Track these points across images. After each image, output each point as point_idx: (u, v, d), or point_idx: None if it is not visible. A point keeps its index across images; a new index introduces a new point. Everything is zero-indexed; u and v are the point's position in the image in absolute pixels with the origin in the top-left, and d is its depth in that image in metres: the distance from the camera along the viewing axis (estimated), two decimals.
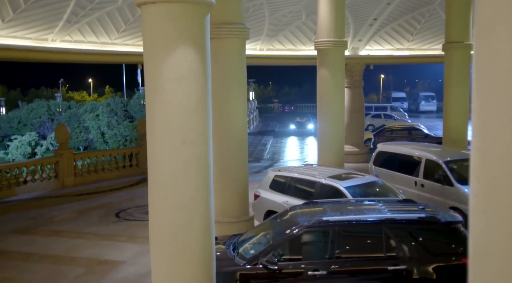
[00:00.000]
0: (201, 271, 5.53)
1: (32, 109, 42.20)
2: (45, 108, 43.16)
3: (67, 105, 44.03)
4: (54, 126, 39.16)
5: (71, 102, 46.50)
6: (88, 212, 14.15)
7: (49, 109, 43.35)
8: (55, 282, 9.10)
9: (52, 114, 42.75)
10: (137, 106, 39.21)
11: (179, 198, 5.40)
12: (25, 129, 36.84)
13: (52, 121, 41.49)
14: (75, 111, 41.34)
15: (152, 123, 5.41)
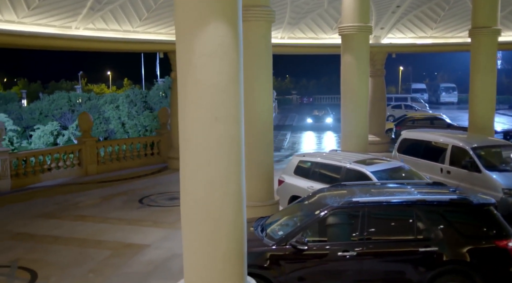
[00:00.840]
0: (233, 249, 5.51)
1: (53, 100, 42.71)
2: (66, 100, 43.64)
3: (87, 97, 44.45)
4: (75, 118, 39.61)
5: (91, 94, 46.96)
6: (111, 198, 14.27)
7: (69, 101, 43.83)
8: (82, 263, 9.19)
9: (73, 106, 43.22)
10: (156, 98, 39.40)
11: (211, 176, 5.38)
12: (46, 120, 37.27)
13: (72, 112, 41.94)
14: (95, 102, 41.73)
15: (184, 100, 5.39)
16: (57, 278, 8.54)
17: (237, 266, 5.58)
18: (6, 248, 10.08)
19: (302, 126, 36.07)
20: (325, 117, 36.08)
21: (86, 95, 45.21)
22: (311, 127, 35.25)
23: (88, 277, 8.60)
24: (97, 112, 37.48)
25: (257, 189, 9.89)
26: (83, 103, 43.14)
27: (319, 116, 36.52)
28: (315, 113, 37.31)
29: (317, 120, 35.98)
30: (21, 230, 11.32)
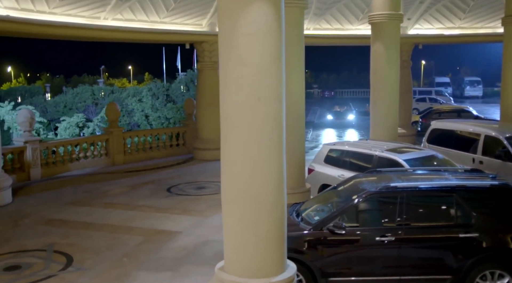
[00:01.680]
0: (274, 231, 5.52)
1: (77, 94, 43.28)
2: (89, 93, 44.18)
3: (110, 90, 44.94)
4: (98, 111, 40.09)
5: (114, 87, 47.42)
6: (139, 187, 14.41)
7: (93, 94, 44.38)
8: (116, 248, 9.30)
9: (96, 99, 43.74)
10: (178, 91, 39.64)
11: (254, 156, 5.38)
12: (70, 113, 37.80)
13: (96, 105, 42.44)
14: (118, 95, 42.16)
15: (227, 80, 5.39)
16: (92, 262, 8.66)
17: (278, 248, 5.58)
18: (41, 233, 10.26)
19: (322, 124, 32.82)
20: (347, 114, 32.71)
21: (109, 88, 45.71)
22: (331, 124, 32.03)
23: (122, 262, 8.70)
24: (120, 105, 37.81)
25: (289, 176, 9.76)
26: (106, 96, 43.63)
27: (341, 113, 33.13)
28: (336, 109, 33.85)
29: (338, 117, 32.53)
30: (54, 216, 11.50)
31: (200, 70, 18.50)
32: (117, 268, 8.41)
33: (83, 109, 40.76)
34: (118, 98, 39.97)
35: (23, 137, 15.16)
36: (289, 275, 5.60)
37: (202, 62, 18.22)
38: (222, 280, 5.57)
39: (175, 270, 8.28)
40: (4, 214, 11.80)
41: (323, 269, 6.65)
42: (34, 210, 12.03)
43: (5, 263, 8.68)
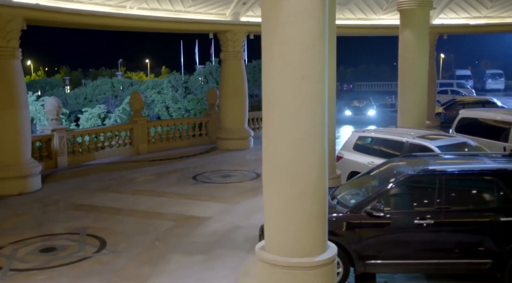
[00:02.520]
0: (315, 211, 5.50)
1: (97, 86, 43.65)
2: (109, 85, 44.52)
3: (130, 82, 45.23)
4: (118, 103, 40.36)
5: (133, 80, 47.71)
6: (165, 175, 14.49)
7: (112, 86, 44.71)
8: (148, 233, 9.37)
9: (115, 91, 44.07)
10: (196, 83, 39.74)
11: (297, 135, 5.36)
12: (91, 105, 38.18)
13: (115, 97, 42.76)
14: (137, 88, 42.40)
15: (270, 59, 5.37)
16: (125, 245, 8.74)
17: (320, 228, 5.57)
18: (72, 218, 10.39)
19: (340, 120, 28.62)
20: (366, 109, 30.25)
21: (129, 81, 46.02)
22: (350, 121, 29.05)
23: (155, 245, 8.77)
24: None
25: None
26: (126, 89, 43.92)
27: (360, 108, 30.75)
28: (355, 104, 31.40)
29: (357, 113, 30.14)
30: (83, 202, 11.63)
31: (223, 60, 18.49)
32: (151, 251, 8.48)
33: (102, 102, 41.09)
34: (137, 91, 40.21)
35: (50, 126, 15.34)
36: (330, 255, 5.58)
37: (226, 51, 18.20)
38: (264, 259, 5.57)
39: (208, 253, 8.32)
40: (35, 199, 11.98)
41: (360, 252, 6.62)
42: (63, 196, 12.18)
43: (40, 245, 8.81)
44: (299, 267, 5.41)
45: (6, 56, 12.18)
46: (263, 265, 5.62)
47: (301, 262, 5.41)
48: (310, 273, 5.43)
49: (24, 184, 12.41)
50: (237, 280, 7.26)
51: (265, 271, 5.60)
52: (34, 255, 8.39)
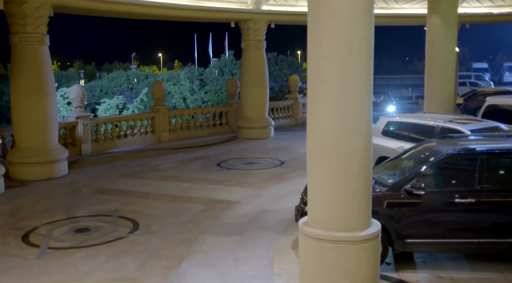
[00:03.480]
0: (360, 187, 5.47)
1: (113, 78, 43.85)
2: (124, 78, 44.68)
3: (145, 75, 45.39)
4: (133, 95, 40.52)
5: (149, 72, 47.85)
6: (189, 162, 14.55)
7: (127, 79, 44.88)
8: (178, 215, 9.41)
9: (131, 84, 44.23)
10: (212, 75, 39.79)
11: (343, 110, 5.34)
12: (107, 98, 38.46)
13: (131, 90, 42.93)
14: (152, 80, 42.53)
15: (318, 33, 5.35)
16: (158, 227, 8.79)
17: (365, 203, 5.55)
18: (102, 201, 10.47)
19: None
20: (385, 105, 26.40)
21: (144, 73, 46.18)
22: None
23: (187, 227, 8.81)
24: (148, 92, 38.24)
25: None
26: (141, 81, 44.08)
27: (377, 103, 26.54)
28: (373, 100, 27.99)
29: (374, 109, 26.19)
30: (111, 186, 11.71)
31: (244, 49, 18.47)
32: (183, 232, 8.52)
33: (118, 94, 41.30)
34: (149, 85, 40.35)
35: (74, 113, 15.45)
36: (375, 230, 5.57)
37: (247, 40, 18.18)
38: (308, 233, 5.57)
39: (240, 235, 8.34)
40: (62, 184, 12.09)
41: (399, 231, 6.59)
42: (90, 181, 12.28)
43: (74, 226, 8.91)
44: (345, 241, 5.41)
45: (34, 43, 12.27)
46: (307, 240, 5.62)
47: (347, 237, 5.41)
48: (355, 247, 5.42)
49: (52, 169, 12.53)
50: (273, 259, 7.27)
51: (309, 246, 5.60)
52: (69, 234, 8.48)
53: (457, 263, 6.95)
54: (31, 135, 12.37)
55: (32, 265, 7.22)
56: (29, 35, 12.18)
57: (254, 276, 6.72)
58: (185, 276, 6.77)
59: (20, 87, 12.31)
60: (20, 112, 12.39)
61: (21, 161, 12.30)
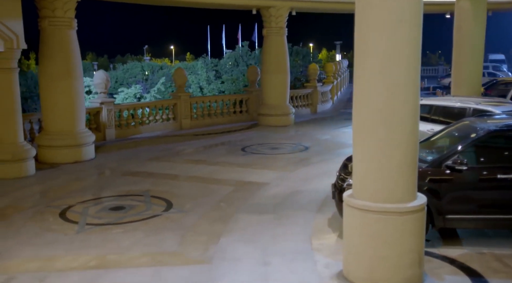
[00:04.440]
0: (407, 160, 5.46)
1: (127, 69, 44.03)
2: (139, 69, 44.83)
3: (159, 66, 45.52)
4: (148, 86, 40.68)
5: (163, 63, 47.99)
6: (213, 147, 14.63)
7: (142, 70, 45.02)
8: (210, 196, 9.47)
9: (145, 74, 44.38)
10: (226, 66, 39.81)
11: (392, 80, 5.33)
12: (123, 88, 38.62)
13: (146, 81, 43.08)
14: (167, 71, 42.66)
15: (368, 2, 5.33)
16: (191, 206, 8.86)
17: (412, 174, 5.55)
18: (132, 183, 10.56)
19: None
20: None
21: (158, 64, 46.32)
22: None
23: (220, 206, 8.87)
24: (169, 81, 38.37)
25: None
26: (156, 72, 44.22)
27: None
28: None
29: None
30: (139, 169, 11.81)
31: (265, 36, 18.46)
32: (217, 211, 8.58)
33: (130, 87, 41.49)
34: (168, 74, 40.50)
35: (99, 99, 15.57)
36: (421, 202, 5.57)
37: (269, 27, 18.16)
38: (355, 205, 5.59)
39: (275, 213, 8.39)
40: (91, 167, 12.23)
41: (440, 207, 6.59)
42: (118, 164, 12.39)
43: (108, 205, 9.01)
44: (392, 212, 5.42)
45: (63, 27, 12.37)
46: (352, 211, 5.64)
47: (394, 208, 5.42)
48: (402, 218, 5.43)
49: (79, 153, 12.66)
50: (311, 236, 7.30)
51: (355, 217, 5.62)
52: (105, 212, 8.59)
53: (498, 239, 6.94)
54: (59, 119, 12.49)
55: (73, 239, 7.33)
56: (58, 19, 12.28)
57: (294, 251, 6.76)
58: (225, 250, 6.83)
59: (49, 71, 12.43)
60: (49, 96, 12.51)
61: (50, 144, 12.44)
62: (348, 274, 5.80)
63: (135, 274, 6.15)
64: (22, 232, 7.63)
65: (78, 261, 6.53)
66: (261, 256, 6.62)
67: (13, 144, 11.04)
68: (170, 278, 6.00)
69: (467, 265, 6.19)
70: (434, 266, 6.14)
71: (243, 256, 6.63)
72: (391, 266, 5.49)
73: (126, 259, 6.58)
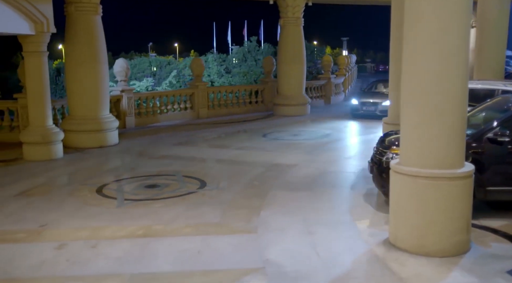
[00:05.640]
0: (459, 122, 5.55)
1: (135, 65, 44.21)
2: (147, 64, 44.99)
3: (167, 61, 45.67)
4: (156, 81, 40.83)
5: (171, 59, 48.13)
6: (234, 134, 14.72)
7: (150, 65, 45.18)
8: (242, 175, 9.56)
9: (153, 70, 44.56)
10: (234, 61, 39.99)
11: (444, 47, 5.42)
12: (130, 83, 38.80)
13: (154, 76, 43.24)
14: (174, 66, 42.82)
15: None
16: (225, 184, 8.96)
17: (460, 143, 5.65)
18: (161, 164, 10.66)
19: None
20: None
21: (166, 60, 46.49)
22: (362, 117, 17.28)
23: (253, 184, 8.97)
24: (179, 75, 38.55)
25: None
26: (164, 67, 44.38)
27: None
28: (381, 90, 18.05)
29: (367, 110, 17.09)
30: (166, 153, 11.91)
31: (282, 26, 18.56)
32: (252, 188, 8.68)
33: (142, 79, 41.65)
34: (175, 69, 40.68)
35: (119, 87, 15.68)
36: (470, 169, 5.67)
37: (285, 18, 18.26)
38: (404, 172, 5.68)
39: (310, 190, 8.49)
40: (117, 151, 12.35)
41: (481, 179, 6.67)
42: (144, 148, 12.50)
43: (142, 183, 9.12)
44: (443, 177, 5.51)
45: (89, 12, 12.48)
46: (402, 178, 5.73)
47: (445, 173, 5.52)
48: (453, 184, 5.53)
49: (104, 138, 12.76)
50: (351, 209, 7.41)
51: (404, 184, 5.72)
52: (141, 189, 8.69)
53: None
54: (85, 103, 12.60)
55: (115, 212, 7.44)
56: (84, 4, 12.39)
57: (336, 222, 6.87)
58: (267, 221, 6.93)
59: (75, 56, 12.55)
60: (74, 80, 12.63)
61: (76, 129, 12.54)
62: (395, 240, 5.90)
63: (184, 241, 6.25)
64: (64, 206, 7.75)
65: (125, 230, 6.64)
66: (304, 227, 6.72)
67: (43, 126, 11.15)
68: (220, 245, 6.11)
69: (510, 234, 6.29)
70: (478, 235, 6.23)
71: (287, 227, 6.73)
72: (440, 231, 5.59)
73: (171, 229, 6.69)
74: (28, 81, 11.05)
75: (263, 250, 5.92)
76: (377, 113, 16.36)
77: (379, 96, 17.48)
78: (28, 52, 10.91)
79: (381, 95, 17.40)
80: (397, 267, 5.38)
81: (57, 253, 5.89)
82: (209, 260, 5.68)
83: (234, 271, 5.35)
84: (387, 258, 5.60)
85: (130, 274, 5.32)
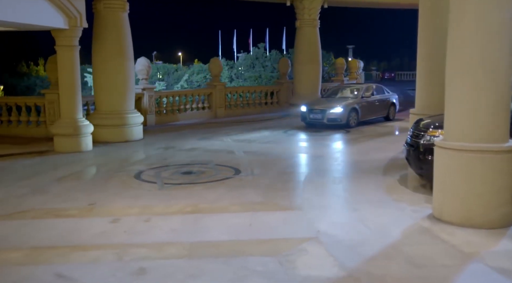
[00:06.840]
0: (505, 97, 5.75)
1: None
2: (155, 71, 45.22)
3: (175, 68, 46.00)
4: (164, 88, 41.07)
5: (178, 65, 48.46)
6: (256, 130, 14.87)
7: (157, 71, 45.44)
8: (274, 164, 9.73)
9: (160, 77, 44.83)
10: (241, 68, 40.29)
11: (492, 24, 5.64)
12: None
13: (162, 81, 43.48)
14: (182, 73, 43.14)
15: None
16: (260, 171, 9.11)
17: (506, 117, 5.85)
18: (191, 156, 10.84)
19: None
20: None
21: (174, 66, 46.83)
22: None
23: (287, 171, 9.16)
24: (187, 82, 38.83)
25: None
26: (171, 74, 44.68)
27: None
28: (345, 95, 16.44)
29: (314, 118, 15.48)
30: (192, 146, 12.08)
31: (298, 27, 18.87)
32: (287, 175, 8.86)
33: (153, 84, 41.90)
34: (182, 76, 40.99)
35: (141, 85, 15.92)
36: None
37: (301, 19, 18.59)
38: (450, 146, 5.88)
39: (345, 175, 8.69)
40: (144, 144, 12.55)
41: None
42: (169, 142, 12.70)
43: (178, 170, 9.31)
44: (490, 151, 5.71)
45: (117, 9, 12.77)
46: (447, 153, 5.93)
47: (492, 147, 5.72)
48: (499, 157, 5.73)
49: (130, 132, 12.99)
50: (388, 191, 7.59)
51: (449, 158, 5.91)
52: (178, 175, 8.88)
53: None
54: (112, 98, 12.84)
55: (158, 194, 7.63)
56: (112, 2, 12.68)
57: (378, 200, 7.05)
58: (311, 200, 7.12)
59: (103, 52, 12.81)
60: (101, 75, 12.88)
61: (103, 123, 12.76)
62: (441, 214, 6.08)
63: (234, 217, 6.43)
64: (108, 188, 7.94)
65: (173, 208, 6.83)
66: (347, 204, 6.92)
67: (74, 119, 11.37)
68: (269, 219, 6.29)
69: None
70: None
71: (331, 205, 6.93)
72: (486, 203, 5.78)
73: (218, 207, 6.87)
74: (61, 75, 11.29)
75: (312, 223, 6.10)
76: (325, 122, 14.69)
77: (332, 101, 15.36)
78: (61, 46, 11.16)
79: (336, 101, 15.43)
80: (446, 236, 5.56)
81: (113, 226, 6.07)
82: (262, 231, 5.86)
83: (290, 240, 5.53)
84: (435, 230, 5.79)
85: (189, 243, 5.50)
